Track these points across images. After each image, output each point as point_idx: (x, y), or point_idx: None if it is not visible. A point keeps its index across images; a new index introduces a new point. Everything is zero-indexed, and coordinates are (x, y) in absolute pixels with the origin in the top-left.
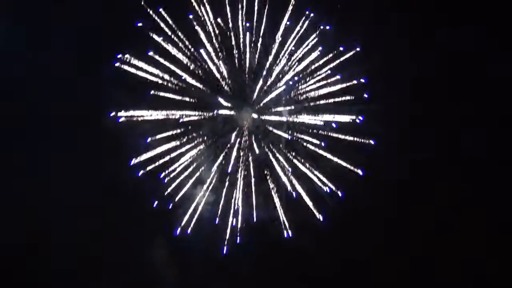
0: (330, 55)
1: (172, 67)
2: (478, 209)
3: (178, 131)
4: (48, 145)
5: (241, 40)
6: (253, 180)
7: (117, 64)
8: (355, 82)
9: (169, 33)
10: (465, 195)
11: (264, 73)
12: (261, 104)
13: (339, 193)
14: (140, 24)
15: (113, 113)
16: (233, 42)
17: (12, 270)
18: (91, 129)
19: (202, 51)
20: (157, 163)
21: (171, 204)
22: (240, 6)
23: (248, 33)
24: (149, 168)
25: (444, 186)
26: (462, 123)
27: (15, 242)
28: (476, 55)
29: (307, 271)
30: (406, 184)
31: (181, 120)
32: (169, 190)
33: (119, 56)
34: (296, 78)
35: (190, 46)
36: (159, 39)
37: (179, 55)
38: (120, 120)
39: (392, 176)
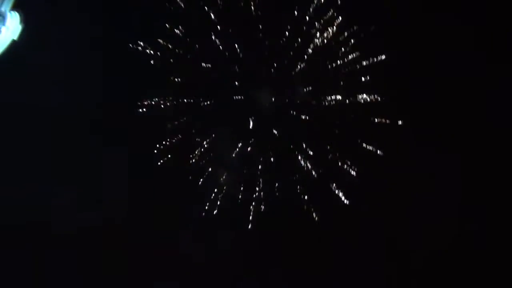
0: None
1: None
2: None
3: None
4: None
5: (255, 16)
6: (273, 163)
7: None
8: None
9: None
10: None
11: (282, 51)
12: (280, 85)
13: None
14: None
15: None
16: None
17: None
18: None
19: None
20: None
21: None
22: None
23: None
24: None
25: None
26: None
27: None
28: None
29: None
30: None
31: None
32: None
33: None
34: (316, 55)
35: (201, 28)
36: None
37: (191, 39)
38: None
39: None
